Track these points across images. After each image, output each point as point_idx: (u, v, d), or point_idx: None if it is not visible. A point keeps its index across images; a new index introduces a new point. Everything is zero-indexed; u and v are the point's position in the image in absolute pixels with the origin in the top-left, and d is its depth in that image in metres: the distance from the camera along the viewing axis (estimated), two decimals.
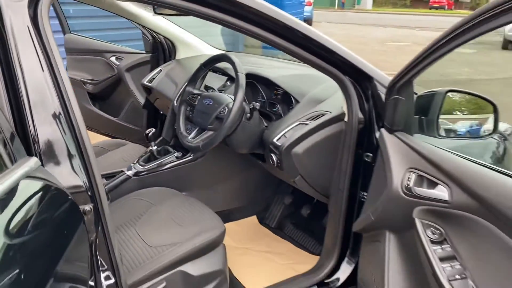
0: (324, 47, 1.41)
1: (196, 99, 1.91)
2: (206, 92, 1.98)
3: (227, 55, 1.85)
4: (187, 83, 1.99)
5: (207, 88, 2.06)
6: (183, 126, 1.94)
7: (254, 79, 2.03)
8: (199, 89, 2.00)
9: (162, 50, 2.76)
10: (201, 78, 1.99)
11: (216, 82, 2.23)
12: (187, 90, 1.97)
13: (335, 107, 1.65)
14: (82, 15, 4.17)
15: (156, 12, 1.96)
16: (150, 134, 2.03)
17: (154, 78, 2.52)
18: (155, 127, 2.19)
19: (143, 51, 3.00)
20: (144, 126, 2.92)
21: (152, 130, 2.04)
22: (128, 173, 1.95)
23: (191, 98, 1.94)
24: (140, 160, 2.05)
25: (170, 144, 2.21)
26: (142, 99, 2.94)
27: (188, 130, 1.92)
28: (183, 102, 1.98)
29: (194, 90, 1.97)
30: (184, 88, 2.01)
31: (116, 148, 2.47)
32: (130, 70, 2.95)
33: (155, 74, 2.55)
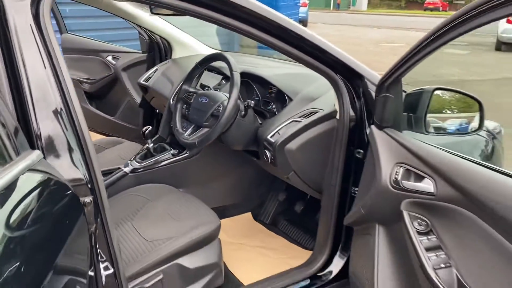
0: (317, 47, 1.46)
1: (192, 97, 1.95)
2: (201, 90, 2.02)
3: (222, 54, 1.90)
4: (183, 82, 2.03)
5: (203, 87, 2.11)
6: (179, 124, 1.98)
7: (249, 77, 2.08)
8: (195, 87, 2.04)
9: (158, 50, 2.80)
10: (197, 76, 2.03)
11: (211, 80, 2.27)
12: (183, 89, 2.01)
13: (328, 105, 1.70)
14: (79, 15, 4.19)
15: (153, 12, 1.99)
16: (147, 132, 2.07)
17: (151, 77, 2.56)
18: (151, 125, 2.23)
19: (140, 51, 3.03)
20: (140, 125, 2.95)
21: (148, 127, 2.08)
22: (125, 169, 1.98)
23: (187, 96, 1.98)
24: (137, 157, 2.08)
25: (166, 142, 2.24)
26: (138, 98, 2.97)
27: (184, 128, 1.96)
28: (179, 100, 2.02)
29: (190, 88, 2.01)
30: (180, 87, 2.05)
31: (112, 146, 2.51)
32: (126, 69, 2.99)
33: (152, 73, 2.59)
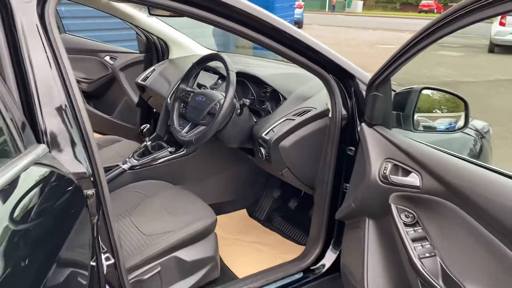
0: (310, 48, 1.51)
1: (189, 96, 2.01)
2: (198, 89, 2.08)
3: (218, 54, 1.95)
4: (181, 81, 2.08)
5: (200, 86, 2.16)
6: (177, 122, 2.03)
7: (244, 77, 2.13)
8: (192, 86, 2.10)
9: (155, 50, 2.84)
10: (194, 76, 2.09)
11: (208, 80, 2.32)
12: (181, 88, 2.06)
13: (320, 104, 1.75)
14: (77, 15, 4.23)
15: (151, 13, 2.04)
16: (145, 130, 2.12)
17: (148, 77, 2.61)
18: (148, 124, 2.29)
19: (137, 51, 3.09)
20: (138, 124, 3.00)
21: (146, 126, 2.13)
22: (124, 166, 2.04)
23: (184, 95, 2.03)
24: (135, 154, 2.14)
25: (164, 140, 2.30)
26: (135, 98, 3.02)
27: (181, 126, 2.02)
28: (176, 99, 2.07)
29: (187, 87, 2.06)
30: (177, 86, 2.10)
31: (110, 144, 2.55)
32: (124, 69, 3.04)
33: (149, 73, 2.64)
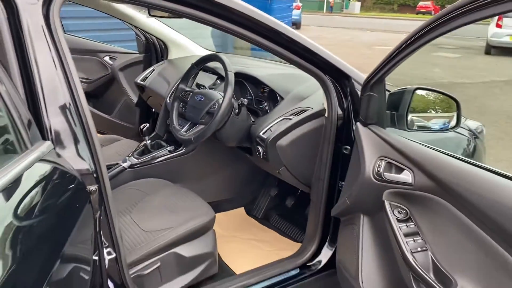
0: (307, 49, 1.55)
1: (188, 95, 2.04)
2: (197, 89, 2.12)
3: (217, 55, 1.99)
4: (180, 81, 2.12)
5: (199, 86, 2.20)
6: (176, 121, 2.07)
7: (242, 77, 2.17)
8: (191, 86, 2.14)
9: (154, 51, 2.88)
10: (193, 76, 2.12)
11: (206, 80, 2.36)
12: (180, 88, 2.10)
13: (317, 104, 1.79)
14: (76, 15, 4.26)
15: (150, 14, 2.08)
16: (145, 129, 2.16)
17: (147, 77, 2.64)
18: (147, 123, 2.32)
19: (136, 52, 3.12)
20: (137, 123, 3.04)
21: (146, 125, 2.17)
22: (124, 165, 2.07)
23: (184, 95, 2.07)
24: (135, 153, 2.18)
25: (163, 139, 2.34)
26: (134, 97, 3.06)
27: (181, 125, 2.05)
28: (176, 98, 2.11)
29: (187, 87, 2.10)
30: (177, 86, 2.14)
31: (110, 143, 2.59)
32: (123, 69, 3.07)
33: (148, 73, 2.67)
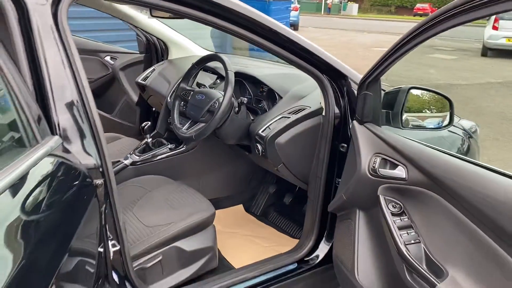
0: (305, 49, 1.59)
1: (189, 94, 2.09)
2: (198, 88, 2.16)
3: (218, 55, 2.04)
4: (181, 80, 2.17)
5: (199, 85, 2.25)
6: (177, 119, 2.12)
7: (242, 77, 2.22)
8: (191, 86, 2.18)
9: (155, 51, 2.92)
10: (193, 76, 2.17)
11: (206, 80, 2.41)
12: (181, 87, 2.15)
13: (314, 103, 1.84)
14: (77, 16, 4.30)
15: (152, 15, 2.11)
16: (146, 127, 2.20)
17: (148, 77, 2.68)
18: (148, 122, 2.36)
19: (137, 52, 3.17)
20: (137, 122, 3.08)
21: (147, 123, 2.21)
22: (126, 162, 2.12)
23: (185, 94, 2.12)
24: (136, 151, 2.22)
25: (164, 137, 2.38)
26: (135, 97, 3.10)
27: (182, 123, 2.10)
28: (177, 97, 2.16)
29: (188, 86, 2.15)
30: (178, 85, 2.19)
31: (112, 141, 2.63)
32: (124, 69, 3.12)
33: (149, 73, 2.71)
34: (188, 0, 1.35)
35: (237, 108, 1.95)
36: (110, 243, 1.33)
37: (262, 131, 1.87)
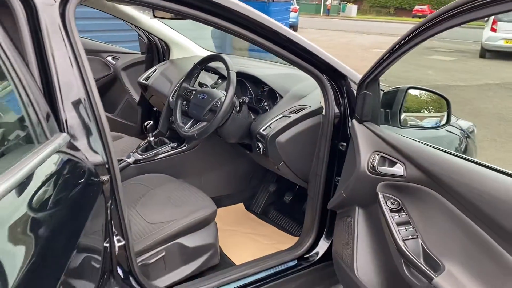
0: (305, 49, 1.62)
1: (191, 94, 2.12)
2: (200, 88, 2.19)
3: (220, 55, 2.07)
4: (183, 80, 2.20)
5: (201, 85, 2.28)
6: (180, 118, 2.15)
7: (243, 77, 2.25)
8: (193, 85, 2.22)
9: (156, 51, 2.96)
10: (195, 75, 2.20)
11: (208, 80, 2.44)
12: (183, 86, 2.18)
13: (315, 102, 1.87)
14: (79, 16, 4.32)
15: (155, 15, 2.14)
16: (149, 126, 2.24)
17: (150, 77, 2.71)
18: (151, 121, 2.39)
19: (139, 52, 3.20)
20: (139, 122, 3.11)
21: (150, 122, 2.25)
22: (128, 160, 2.15)
23: (187, 93, 2.15)
24: (139, 149, 2.25)
25: (166, 136, 2.41)
26: (136, 97, 3.13)
27: (184, 122, 2.13)
28: (179, 97, 2.19)
29: (190, 86, 2.18)
30: (180, 85, 2.22)
31: (114, 140, 2.65)
32: (126, 69, 3.14)
33: (151, 73, 2.74)
34: (190, 1, 1.37)
35: (238, 108, 1.98)
36: (115, 238, 1.36)
37: (263, 130, 1.90)
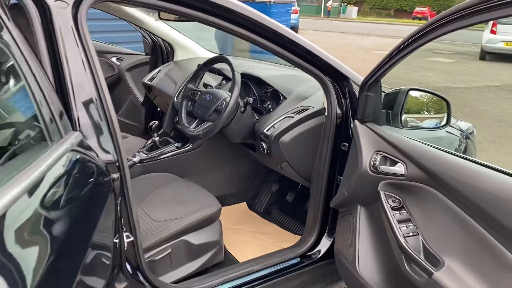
0: (307, 51, 1.66)
1: (196, 94, 2.16)
2: (205, 89, 2.23)
3: (225, 57, 2.11)
4: (189, 81, 2.24)
5: (206, 86, 2.32)
6: (185, 118, 2.19)
7: (247, 78, 2.29)
8: (198, 86, 2.26)
9: (160, 52, 2.98)
10: (200, 76, 2.24)
11: (211, 81, 2.48)
12: (189, 87, 2.22)
13: (317, 103, 1.91)
14: None
15: (160, 17, 2.18)
16: (154, 126, 2.28)
17: (154, 77, 2.75)
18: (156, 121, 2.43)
19: (143, 53, 3.23)
20: (142, 122, 3.15)
21: (155, 122, 2.29)
22: (134, 159, 2.19)
23: (192, 94, 2.19)
24: (144, 149, 2.29)
25: (170, 136, 2.45)
26: (140, 97, 3.16)
27: (189, 122, 2.17)
28: (184, 97, 2.23)
29: (195, 87, 2.22)
30: (185, 85, 2.26)
31: None
32: (130, 70, 3.18)
33: (155, 73, 2.78)
34: (195, 3, 1.40)
35: (242, 108, 2.01)
36: (124, 234, 1.40)
37: (267, 130, 1.94)
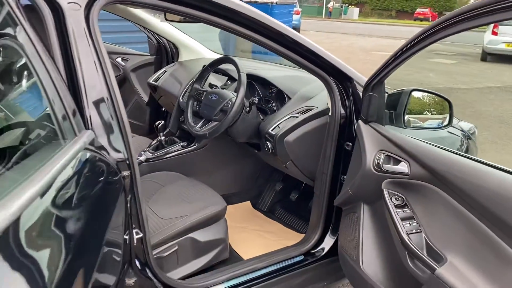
0: (312, 52, 1.68)
1: (202, 95, 2.19)
2: (210, 89, 2.27)
3: (230, 57, 2.14)
4: (195, 81, 2.27)
5: (211, 86, 2.35)
6: (191, 118, 2.22)
7: (252, 78, 2.32)
8: (203, 86, 2.29)
9: (165, 53, 3.02)
10: (206, 77, 2.28)
11: (216, 81, 2.51)
12: (195, 87, 2.25)
13: (321, 103, 1.94)
14: None
15: (166, 18, 2.21)
16: (160, 126, 2.31)
17: (159, 78, 2.78)
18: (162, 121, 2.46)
19: (148, 53, 3.27)
20: (147, 122, 3.18)
21: (161, 122, 2.32)
22: (140, 158, 2.22)
23: (198, 94, 2.22)
24: (150, 148, 2.33)
25: (175, 135, 2.49)
26: (145, 97, 3.20)
27: (195, 121, 2.20)
28: (190, 97, 2.26)
29: (200, 87, 2.25)
30: (191, 86, 2.29)
31: None
32: (135, 70, 3.21)
33: (160, 74, 2.81)
34: (201, 5, 1.43)
35: (248, 108, 2.05)
36: (134, 231, 1.43)
37: (272, 130, 1.97)
